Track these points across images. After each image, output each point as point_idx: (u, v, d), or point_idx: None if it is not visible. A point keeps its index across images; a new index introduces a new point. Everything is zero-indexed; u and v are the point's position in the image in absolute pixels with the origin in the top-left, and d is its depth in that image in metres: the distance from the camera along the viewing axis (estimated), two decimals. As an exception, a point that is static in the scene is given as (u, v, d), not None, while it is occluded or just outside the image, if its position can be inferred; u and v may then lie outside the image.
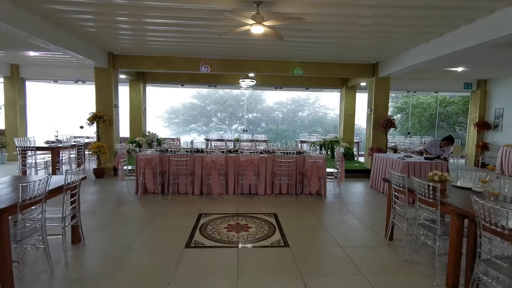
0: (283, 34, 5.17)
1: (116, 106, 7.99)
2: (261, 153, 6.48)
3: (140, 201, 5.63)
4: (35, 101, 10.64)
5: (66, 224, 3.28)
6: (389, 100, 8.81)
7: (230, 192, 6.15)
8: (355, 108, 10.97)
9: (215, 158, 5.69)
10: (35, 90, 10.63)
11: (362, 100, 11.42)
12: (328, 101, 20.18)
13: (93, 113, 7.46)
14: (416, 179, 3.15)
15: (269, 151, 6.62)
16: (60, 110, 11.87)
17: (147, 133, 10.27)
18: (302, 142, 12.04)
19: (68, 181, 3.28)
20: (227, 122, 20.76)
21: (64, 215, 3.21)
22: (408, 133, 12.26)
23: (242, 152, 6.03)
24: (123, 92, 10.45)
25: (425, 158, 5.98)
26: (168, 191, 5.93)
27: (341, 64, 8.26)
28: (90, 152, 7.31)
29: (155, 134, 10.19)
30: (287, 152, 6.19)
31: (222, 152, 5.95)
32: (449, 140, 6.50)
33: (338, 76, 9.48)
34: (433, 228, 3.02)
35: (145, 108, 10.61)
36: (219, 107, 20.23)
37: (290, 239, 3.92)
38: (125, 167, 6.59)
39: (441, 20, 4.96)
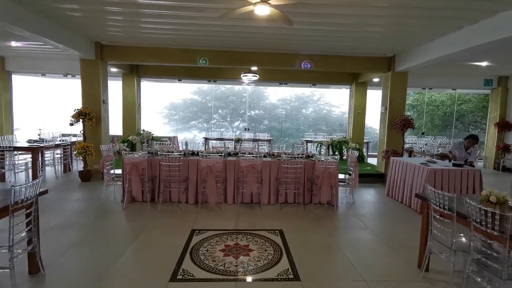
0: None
1: (105, 102, 7.25)
2: (264, 156, 5.73)
3: (125, 212, 4.91)
4: (22, 96, 9.93)
5: (17, 252, 2.56)
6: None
7: (229, 201, 5.41)
8: (365, 106, 10.16)
9: (211, 163, 4.94)
10: (22, 84, 9.92)
11: (372, 97, 10.62)
12: (333, 98, 19.37)
13: (78, 109, 6.72)
14: (471, 202, 2.39)
15: (273, 154, 5.87)
16: (49, 105, 11.16)
17: (141, 131, 9.54)
18: (307, 141, 11.28)
19: (22, 197, 2.56)
20: (228, 119, 20.00)
21: (11, 244, 2.48)
22: (423, 133, 11.45)
23: (243, 155, 5.28)
24: (116, 87, 9.73)
25: (454, 165, 5.20)
26: (159, 200, 5.20)
27: (353, 58, 7.45)
28: (75, 153, 6.58)
29: (150, 132, 9.46)
30: (294, 156, 5.44)
31: (221, 155, 5.21)
32: (473, 139, 5.76)
33: (349, 70, 8.66)
34: (494, 269, 2.27)
35: (139, 104, 9.87)
36: (220, 103, 19.46)
37: (301, 268, 3.18)
38: (112, 171, 5.87)
39: (478, 2, 4.16)
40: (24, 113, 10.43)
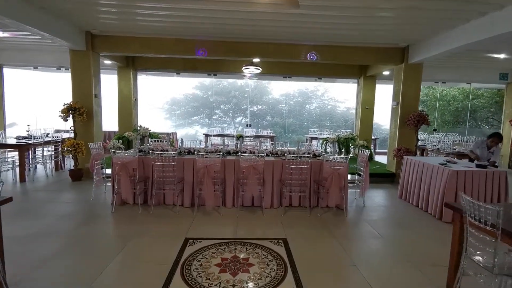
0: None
1: (97, 96, 6.80)
2: (267, 155, 5.26)
3: (114, 216, 4.48)
4: (15, 90, 9.52)
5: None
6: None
7: (228, 204, 4.96)
8: (374, 101, 9.62)
9: (208, 163, 4.48)
10: (14, 78, 9.49)
11: (380, 92, 10.06)
12: (337, 93, 18.82)
13: (67, 104, 6.28)
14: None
15: (276, 153, 5.39)
16: (42, 100, 10.74)
17: (138, 128, 9.10)
18: (312, 138, 10.79)
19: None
20: (230, 114, 19.52)
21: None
22: (434, 129, 10.90)
23: (243, 154, 4.82)
24: (112, 81, 9.28)
25: (477, 166, 4.70)
26: (151, 203, 4.75)
27: (363, 49, 6.91)
28: (65, 151, 6.15)
29: (147, 128, 9.01)
30: (299, 156, 4.96)
31: (219, 154, 4.75)
32: (497, 138, 5.28)
33: (358, 62, 8.09)
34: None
35: (136, 99, 9.42)
36: (222, 98, 18.99)
37: (309, 289, 2.73)
38: (103, 171, 5.45)
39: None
40: (19, 107, 10.04)
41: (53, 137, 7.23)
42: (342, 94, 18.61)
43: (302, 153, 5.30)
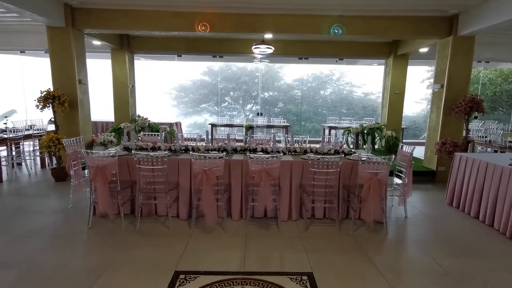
0: None
1: (82, 82, 5.81)
2: (283, 153, 4.19)
3: (89, 235, 3.53)
4: (2, 77, 8.67)
5: None
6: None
7: (235, 215, 3.95)
8: (405, 84, 8.31)
9: (208, 167, 3.44)
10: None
11: (411, 74, 8.69)
12: (355, 77, 17.33)
13: (45, 91, 5.32)
14: None
15: (295, 151, 4.30)
16: (31, 87, 9.89)
17: (136, 118, 8.13)
18: (331, 128, 9.59)
19: None
20: (240, 101, 18.40)
21: None
22: (475, 117, 9.51)
23: (254, 152, 3.76)
24: (108, 66, 8.26)
25: None
26: (139, 215, 3.76)
27: (400, 19, 5.61)
28: (42, 147, 5.23)
29: (145, 119, 8.03)
30: (325, 155, 3.86)
31: (223, 154, 3.71)
32: None
33: (394, 36, 6.55)
34: None
35: (133, 86, 8.41)
36: (232, 85, 17.85)
37: None
38: (84, 172, 4.53)
39: None
40: (8, 97, 9.24)
41: (38, 130, 6.35)
42: (360, 78, 17.16)
43: (327, 150, 4.20)
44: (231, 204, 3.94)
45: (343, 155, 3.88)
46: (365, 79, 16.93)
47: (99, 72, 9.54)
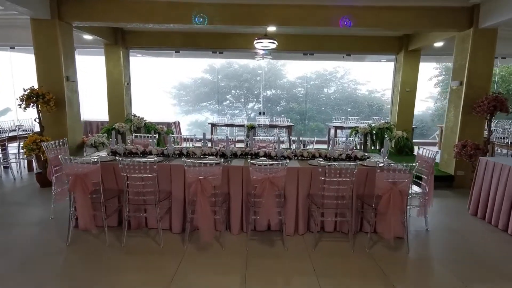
0: None
1: (70, 79, 5.38)
2: (289, 157, 3.73)
3: (67, 253, 3.10)
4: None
5: None
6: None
7: (235, 228, 3.50)
8: (417, 82, 7.81)
9: (203, 175, 2.99)
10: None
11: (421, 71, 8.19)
12: (359, 75, 16.83)
13: (28, 89, 4.89)
14: None
15: (302, 156, 3.84)
16: (21, 85, 9.45)
17: (132, 117, 7.69)
18: (337, 128, 9.12)
19: None
20: (242, 100, 17.95)
21: None
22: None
23: (255, 157, 3.31)
24: (101, 62, 7.83)
25: None
26: (125, 230, 3.32)
27: (416, 9, 5.13)
28: (24, 151, 4.80)
29: (141, 118, 7.59)
30: (336, 160, 3.41)
31: (222, 158, 3.26)
32: None
33: (408, 29, 5.99)
34: None
35: (128, 83, 7.97)
36: (233, 83, 17.39)
37: None
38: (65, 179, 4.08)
39: None
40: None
41: (24, 131, 5.94)
42: (364, 76, 16.66)
43: (338, 155, 3.74)
44: (230, 216, 3.49)
45: (358, 162, 3.42)
46: (369, 76, 16.44)
47: (94, 69, 9.12)
